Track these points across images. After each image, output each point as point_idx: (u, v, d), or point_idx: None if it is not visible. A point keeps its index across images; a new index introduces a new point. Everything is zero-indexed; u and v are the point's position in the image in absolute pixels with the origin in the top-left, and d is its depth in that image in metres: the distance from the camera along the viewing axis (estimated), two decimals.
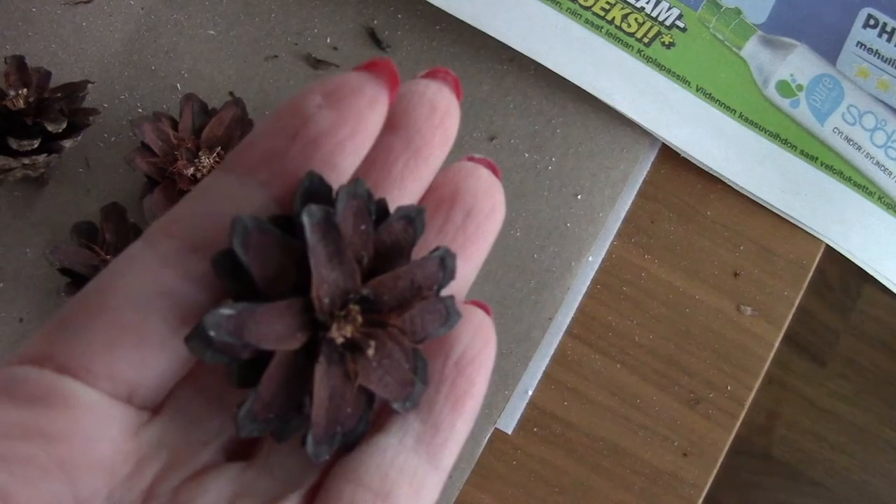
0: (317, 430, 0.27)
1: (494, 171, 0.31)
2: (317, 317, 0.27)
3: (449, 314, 0.29)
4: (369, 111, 0.28)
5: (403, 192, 0.30)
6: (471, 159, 0.31)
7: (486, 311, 0.31)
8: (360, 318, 0.28)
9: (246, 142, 0.28)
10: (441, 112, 0.30)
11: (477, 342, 0.30)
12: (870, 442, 1.56)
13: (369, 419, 0.28)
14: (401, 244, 0.29)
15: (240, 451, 0.29)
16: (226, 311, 0.26)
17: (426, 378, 0.29)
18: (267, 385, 0.27)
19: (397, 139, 0.29)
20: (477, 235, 0.30)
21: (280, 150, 0.27)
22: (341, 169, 0.28)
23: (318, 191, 0.27)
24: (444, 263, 0.29)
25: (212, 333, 0.25)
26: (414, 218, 0.29)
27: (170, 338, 0.27)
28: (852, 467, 1.55)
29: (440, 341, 0.30)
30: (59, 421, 0.26)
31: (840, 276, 1.59)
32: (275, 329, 0.26)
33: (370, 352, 0.28)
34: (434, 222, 0.30)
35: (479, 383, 0.29)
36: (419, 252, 0.29)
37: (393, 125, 0.29)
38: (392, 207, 0.29)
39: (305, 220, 0.26)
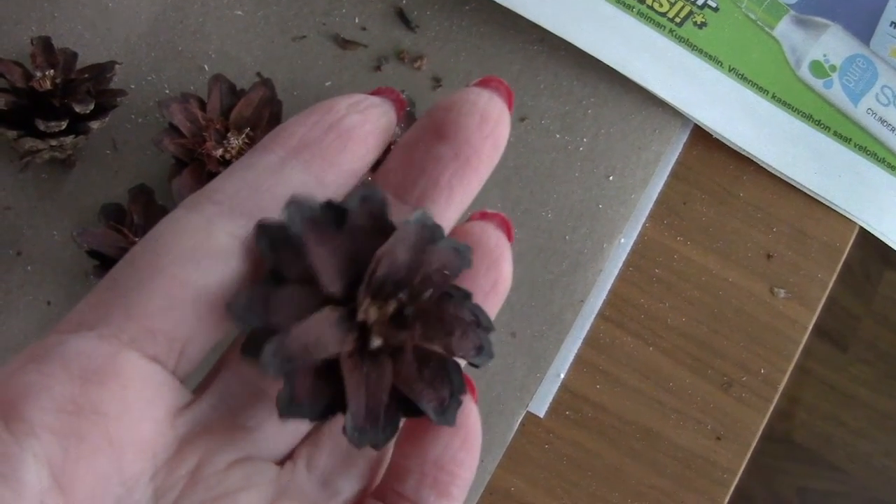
0: (356, 418, 0.28)
1: (507, 228, 0.32)
2: (359, 317, 0.28)
3: (483, 347, 0.29)
4: (385, 120, 0.31)
5: (451, 202, 0.31)
6: (482, 216, 0.32)
7: (471, 389, 0.31)
8: (384, 312, 0.29)
9: (281, 128, 0.30)
10: (492, 122, 0.30)
11: (455, 441, 0.30)
12: (891, 427, 1.55)
13: (398, 424, 0.29)
14: (444, 272, 0.29)
15: (280, 447, 0.30)
16: (246, 297, 0.27)
17: (462, 394, 0.29)
18: (304, 373, 0.27)
19: (447, 148, 0.30)
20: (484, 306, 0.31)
21: (316, 138, 0.29)
22: (363, 157, 0.30)
23: (371, 196, 0.28)
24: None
25: (268, 359, 0.26)
26: (462, 252, 0.29)
27: (219, 298, 0.27)
28: (874, 452, 1.54)
29: (418, 435, 0.30)
30: (111, 398, 0.26)
31: (862, 260, 1.58)
32: (318, 334, 0.27)
33: (408, 355, 0.29)
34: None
35: (464, 476, 0.30)
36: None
37: (443, 134, 0.30)
38: (439, 217, 0.30)
39: (290, 214, 0.27)
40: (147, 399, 0.27)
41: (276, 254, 0.27)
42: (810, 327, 0.62)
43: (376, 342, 0.28)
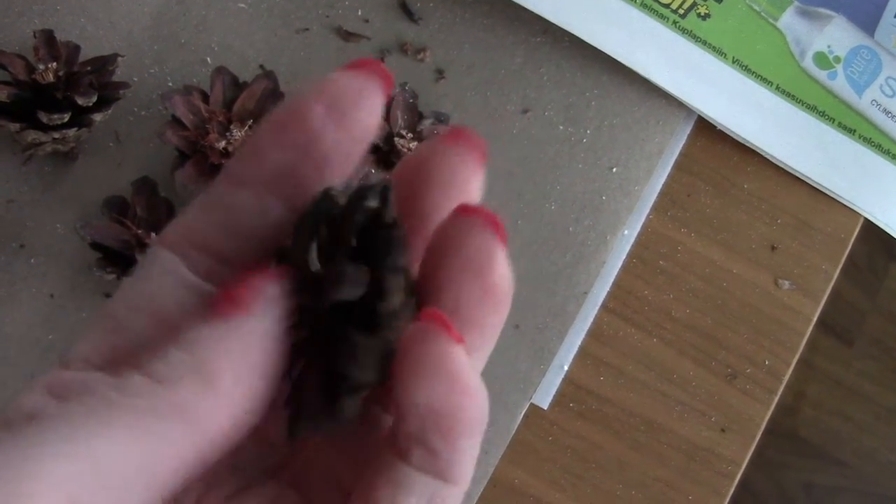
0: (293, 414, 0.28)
1: (496, 226, 0.28)
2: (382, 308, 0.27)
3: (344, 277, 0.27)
4: (369, 119, 0.28)
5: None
6: (465, 211, 0.29)
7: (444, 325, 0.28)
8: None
9: (252, 151, 0.28)
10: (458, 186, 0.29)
11: (454, 392, 0.28)
12: None
13: (342, 411, 0.28)
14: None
15: (274, 471, 0.30)
16: None
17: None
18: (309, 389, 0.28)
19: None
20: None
21: (291, 164, 0.28)
22: (346, 172, 0.28)
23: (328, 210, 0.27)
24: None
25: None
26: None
27: None
28: (879, 447, 1.54)
29: (412, 378, 0.27)
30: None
31: (867, 255, 1.58)
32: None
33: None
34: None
35: (466, 419, 0.28)
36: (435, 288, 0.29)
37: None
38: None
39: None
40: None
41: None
42: (815, 319, 0.62)
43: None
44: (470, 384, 0.28)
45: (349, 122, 0.28)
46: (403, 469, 0.27)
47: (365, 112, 0.28)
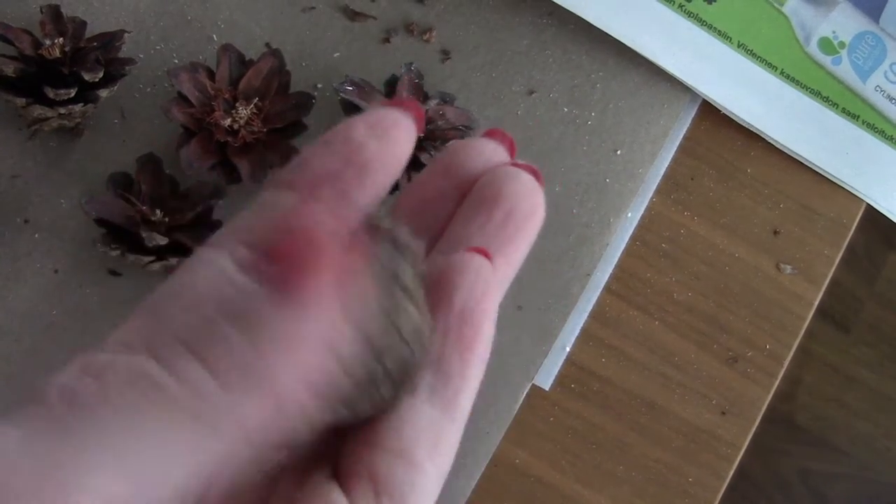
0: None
1: (537, 176, 0.33)
2: None
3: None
4: (406, 143, 0.31)
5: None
6: (514, 164, 0.33)
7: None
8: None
9: (301, 160, 0.31)
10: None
11: (477, 289, 0.30)
12: (893, 409, 1.55)
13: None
14: None
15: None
16: None
17: None
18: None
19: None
20: (516, 236, 0.32)
21: (336, 172, 0.30)
22: (382, 186, 0.31)
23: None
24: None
25: None
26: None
27: None
28: (876, 435, 1.54)
29: (440, 289, 0.30)
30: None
31: (865, 243, 1.58)
32: None
33: None
34: (475, 220, 0.32)
35: (486, 328, 0.30)
36: (455, 244, 0.32)
37: (449, 175, 0.34)
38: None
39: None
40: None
41: None
42: (816, 303, 0.62)
43: None
44: (495, 302, 0.31)
45: (388, 139, 0.31)
46: (412, 404, 0.29)
47: (402, 133, 0.31)
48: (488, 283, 0.31)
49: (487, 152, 0.33)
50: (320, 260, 0.27)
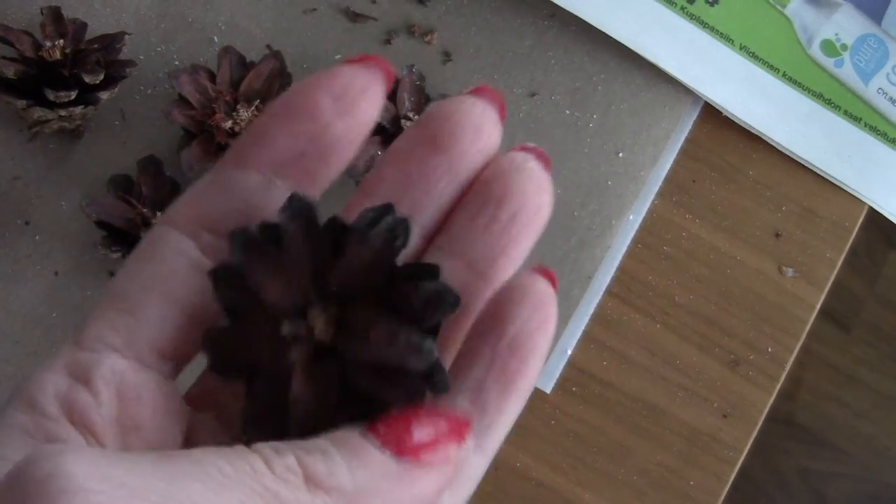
0: (296, 428, 0.28)
1: (545, 161, 0.31)
2: (282, 330, 0.28)
3: (445, 298, 0.28)
4: (373, 110, 0.30)
5: (440, 210, 0.31)
6: (523, 148, 0.31)
7: (552, 281, 0.30)
8: (322, 321, 0.28)
9: (261, 134, 0.30)
10: (485, 136, 0.31)
11: (535, 320, 0.29)
12: (893, 409, 1.55)
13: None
14: (380, 258, 0.28)
15: None
16: (210, 336, 0.29)
17: (442, 375, 0.28)
18: (257, 392, 0.29)
19: (442, 160, 0.30)
20: (521, 236, 0.30)
21: (300, 152, 0.29)
22: (346, 160, 0.30)
23: (298, 210, 0.28)
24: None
25: (210, 355, 0.29)
26: (397, 230, 0.28)
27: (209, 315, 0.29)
28: (876, 434, 1.54)
29: (494, 316, 0.29)
30: (145, 414, 0.28)
31: (866, 242, 1.58)
32: (254, 345, 0.29)
33: (355, 349, 0.28)
34: (480, 219, 0.30)
35: (533, 365, 0.29)
36: (457, 242, 0.30)
37: (437, 145, 0.30)
38: (426, 225, 0.31)
39: (233, 245, 0.28)
40: (169, 414, 0.28)
41: (230, 292, 0.29)
42: (818, 306, 0.62)
43: (320, 346, 0.28)
44: (550, 338, 0.29)
45: (355, 113, 0.30)
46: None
47: (369, 104, 0.30)
48: (547, 316, 0.29)
49: (476, 116, 0.30)
50: None
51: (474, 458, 0.29)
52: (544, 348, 0.29)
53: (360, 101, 0.30)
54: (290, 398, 0.28)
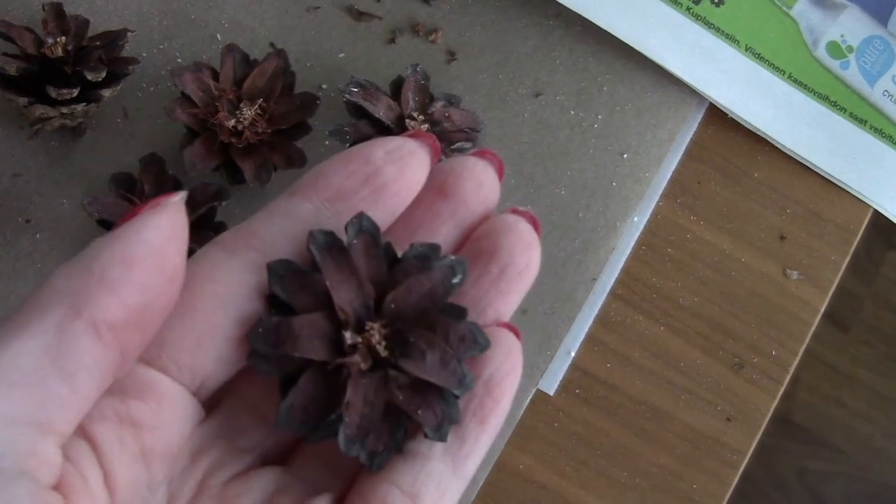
0: (350, 429, 0.30)
1: (535, 224, 0.34)
2: (342, 332, 0.31)
3: (477, 339, 0.31)
4: (420, 172, 0.33)
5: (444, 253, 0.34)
6: (514, 211, 0.34)
7: (516, 334, 0.33)
8: (380, 334, 0.31)
9: (319, 173, 0.33)
10: (486, 189, 0.34)
11: (506, 365, 0.32)
12: (891, 409, 1.55)
13: (399, 441, 0.31)
14: (438, 290, 0.32)
15: (277, 460, 0.33)
16: (262, 327, 0.30)
17: (457, 410, 0.31)
18: (304, 387, 0.30)
19: (446, 206, 0.34)
20: (509, 290, 0.33)
21: (352, 189, 0.32)
22: (393, 211, 0.33)
23: (366, 228, 0.32)
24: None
25: (256, 346, 0.30)
26: (457, 269, 0.32)
27: (242, 340, 0.31)
28: (873, 434, 1.54)
29: (471, 360, 0.32)
30: (148, 412, 0.29)
31: (864, 242, 1.57)
32: (307, 342, 0.30)
33: (408, 370, 0.31)
34: (472, 272, 0.33)
35: (505, 403, 0.32)
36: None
37: (443, 192, 0.34)
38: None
39: (313, 246, 0.31)
40: (176, 414, 0.30)
41: (286, 288, 0.30)
42: (822, 309, 0.62)
43: (375, 361, 0.31)
44: (516, 383, 0.33)
45: (404, 165, 0.32)
46: (429, 456, 0.31)
47: (418, 164, 0.33)
48: (515, 364, 0.32)
49: (478, 172, 0.34)
50: None
51: (452, 483, 0.31)
52: (513, 391, 0.32)
53: (410, 158, 0.32)
54: (344, 402, 0.30)
